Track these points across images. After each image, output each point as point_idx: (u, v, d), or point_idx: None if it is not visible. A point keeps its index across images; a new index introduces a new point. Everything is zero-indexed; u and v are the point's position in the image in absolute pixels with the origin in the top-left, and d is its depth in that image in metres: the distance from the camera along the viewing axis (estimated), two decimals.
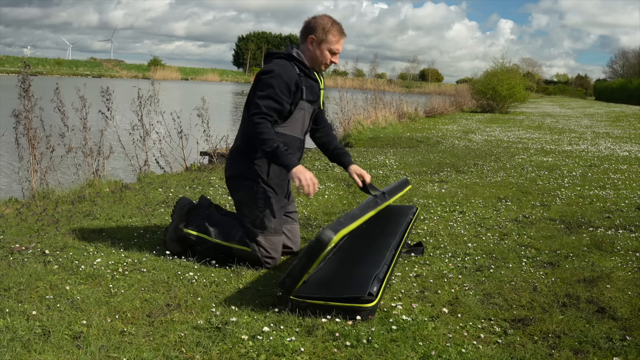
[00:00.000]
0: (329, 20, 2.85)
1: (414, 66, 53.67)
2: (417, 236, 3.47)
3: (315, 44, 2.83)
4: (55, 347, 1.86)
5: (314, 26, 2.82)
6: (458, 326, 2.13)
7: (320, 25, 2.82)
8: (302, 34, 2.88)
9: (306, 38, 2.84)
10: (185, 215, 2.93)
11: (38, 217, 3.81)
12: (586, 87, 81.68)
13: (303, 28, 2.88)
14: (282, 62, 2.79)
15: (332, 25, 2.83)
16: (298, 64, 2.82)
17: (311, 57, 2.85)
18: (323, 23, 2.82)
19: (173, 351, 1.87)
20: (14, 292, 2.33)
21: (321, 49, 2.83)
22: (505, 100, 21.63)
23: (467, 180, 5.63)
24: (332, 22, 2.85)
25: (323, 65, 2.88)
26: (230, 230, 2.82)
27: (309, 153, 8.36)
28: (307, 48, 2.85)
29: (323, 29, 2.81)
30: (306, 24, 2.87)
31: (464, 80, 47.93)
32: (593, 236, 3.49)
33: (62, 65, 64.57)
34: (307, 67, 2.84)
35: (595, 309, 2.33)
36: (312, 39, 2.82)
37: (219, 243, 2.83)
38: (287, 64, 2.79)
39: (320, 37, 2.81)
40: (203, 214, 2.93)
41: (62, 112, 5.47)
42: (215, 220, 2.89)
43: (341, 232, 2.30)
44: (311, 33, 2.83)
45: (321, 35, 2.81)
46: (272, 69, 2.75)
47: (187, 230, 2.89)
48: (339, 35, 2.85)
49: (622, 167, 6.81)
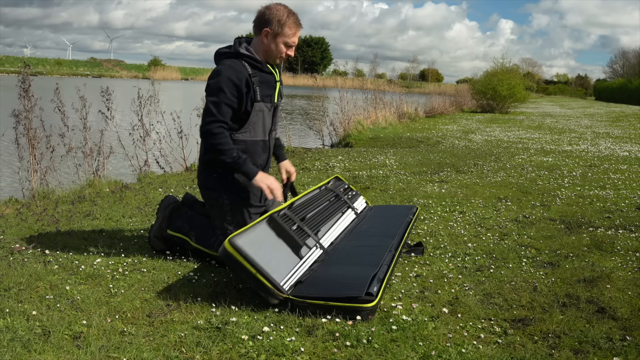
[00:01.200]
0: (285, 11, 2.72)
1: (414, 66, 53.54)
2: (417, 236, 3.47)
3: (270, 37, 2.71)
4: (55, 347, 1.86)
5: (270, 18, 2.69)
6: (458, 326, 2.13)
7: (276, 17, 2.68)
8: (256, 25, 2.74)
9: (261, 30, 2.71)
10: (169, 216, 2.93)
11: (38, 217, 3.81)
12: (586, 87, 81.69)
13: (257, 19, 2.74)
14: (230, 62, 2.69)
15: (288, 17, 2.70)
16: (248, 60, 2.71)
17: (265, 51, 2.74)
18: (279, 15, 2.69)
19: (173, 351, 1.87)
20: (14, 292, 2.33)
21: (276, 42, 2.72)
22: (505, 100, 21.63)
23: (467, 180, 5.62)
24: (288, 13, 2.71)
25: (278, 59, 2.78)
26: (209, 237, 2.82)
27: (309, 153, 8.36)
28: (261, 41, 2.73)
29: (279, 21, 2.68)
30: (260, 14, 2.72)
31: (464, 81, 47.88)
32: (593, 236, 3.49)
33: (62, 65, 64.56)
34: (259, 61, 2.73)
35: (595, 309, 2.33)
36: (267, 32, 2.70)
37: (199, 248, 2.84)
38: (237, 63, 2.68)
39: (275, 31, 2.70)
40: (185, 216, 2.92)
41: (62, 112, 5.47)
42: (197, 223, 2.88)
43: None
44: (266, 26, 2.70)
45: (277, 29, 2.69)
46: (220, 71, 2.67)
47: (170, 232, 2.90)
48: (296, 27, 2.73)
49: (622, 167, 6.81)
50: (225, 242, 2.22)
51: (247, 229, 2.40)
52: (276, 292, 2.20)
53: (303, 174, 5.91)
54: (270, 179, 2.67)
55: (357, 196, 3.78)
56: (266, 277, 2.21)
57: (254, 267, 2.21)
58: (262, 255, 2.34)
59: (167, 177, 5.74)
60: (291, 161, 7.05)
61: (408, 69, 48.58)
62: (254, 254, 2.28)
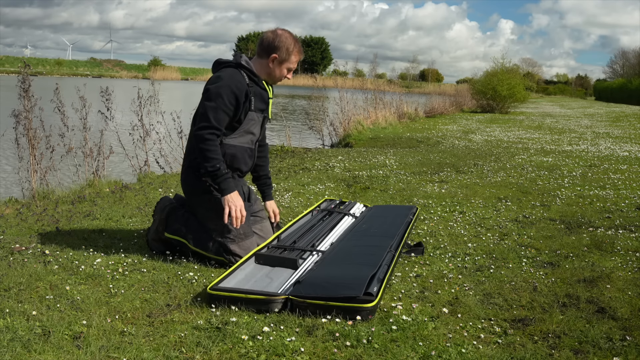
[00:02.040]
0: (292, 40, 2.88)
1: (414, 66, 53.59)
2: (417, 236, 3.47)
3: (276, 62, 2.88)
4: (55, 347, 1.86)
5: (279, 46, 2.85)
6: (458, 326, 2.13)
7: (285, 45, 2.85)
8: (263, 49, 2.87)
9: (268, 55, 2.86)
10: (165, 219, 2.94)
11: (38, 217, 3.81)
12: (586, 87, 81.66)
13: (266, 44, 2.86)
14: (231, 71, 2.80)
15: (294, 46, 2.87)
16: (247, 72, 2.83)
17: (269, 73, 2.90)
18: (287, 44, 2.85)
19: (173, 351, 1.87)
20: (14, 292, 2.33)
21: (281, 68, 2.90)
22: (505, 101, 21.63)
23: (467, 180, 5.63)
24: (295, 42, 2.88)
25: (277, 81, 2.96)
26: (206, 241, 2.83)
27: (309, 153, 8.36)
28: (266, 64, 2.87)
29: (287, 49, 2.86)
30: (270, 41, 2.86)
31: (464, 81, 47.90)
32: (593, 236, 3.49)
33: (62, 66, 64.58)
34: (256, 75, 2.86)
35: (595, 309, 2.33)
36: (274, 57, 2.86)
37: (197, 251, 2.86)
38: (236, 72, 2.80)
39: (283, 58, 2.87)
40: (182, 218, 2.93)
41: (62, 112, 5.47)
42: (193, 226, 2.89)
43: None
44: (274, 52, 2.85)
45: (284, 56, 2.87)
46: (221, 77, 2.76)
47: (168, 235, 2.92)
48: (300, 55, 2.92)
49: (622, 167, 6.81)
50: (207, 290, 2.28)
51: (229, 273, 2.46)
52: (273, 298, 2.21)
53: (303, 174, 5.91)
54: (240, 203, 2.72)
55: (352, 204, 3.80)
56: (259, 294, 2.24)
57: (244, 293, 2.25)
58: (251, 284, 2.44)
59: (167, 177, 5.74)
60: (291, 161, 7.07)
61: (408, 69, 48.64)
62: (239, 285, 2.38)
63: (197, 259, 2.86)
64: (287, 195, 4.67)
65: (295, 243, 2.89)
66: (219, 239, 2.81)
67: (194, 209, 2.92)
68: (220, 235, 2.81)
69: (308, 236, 3.04)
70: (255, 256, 2.70)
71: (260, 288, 2.37)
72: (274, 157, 8.01)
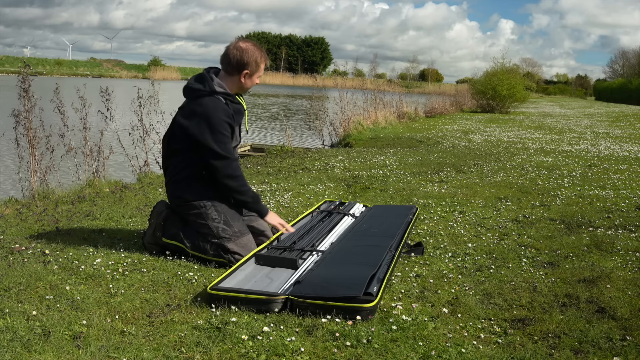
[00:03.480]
0: (257, 50, 2.92)
1: (414, 66, 53.66)
2: (417, 236, 3.47)
3: (247, 77, 2.92)
4: (55, 347, 1.86)
5: (248, 61, 2.88)
6: (458, 326, 2.13)
7: (253, 58, 2.89)
8: (232, 67, 2.89)
9: (240, 72, 2.89)
10: (162, 225, 2.95)
11: (38, 217, 3.81)
12: (586, 87, 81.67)
13: (235, 62, 2.88)
14: (213, 102, 2.83)
15: (261, 56, 2.92)
16: (224, 95, 2.88)
17: (240, 87, 2.96)
18: (255, 56, 2.89)
19: (173, 351, 1.87)
20: (14, 292, 2.33)
21: (252, 79, 2.96)
22: (505, 100, 21.63)
23: (467, 180, 5.63)
24: (260, 52, 2.93)
25: (248, 90, 3.03)
26: (204, 244, 2.85)
27: (309, 153, 8.36)
28: (238, 80, 2.92)
29: (256, 62, 2.91)
30: (238, 59, 2.87)
31: (464, 81, 47.91)
32: (593, 236, 3.49)
33: (62, 66, 64.54)
34: (231, 95, 2.91)
35: (595, 309, 2.33)
36: (246, 73, 2.90)
37: (195, 254, 2.87)
38: (217, 101, 2.84)
39: (253, 71, 2.92)
40: (179, 223, 2.94)
41: (62, 112, 5.47)
42: (190, 231, 2.90)
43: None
44: (245, 68, 2.89)
45: (254, 69, 2.92)
46: (207, 114, 2.79)
47: (165, 240, 2.93)
48: (266, 61, 2.98)
49: (622, 167, 6.81)
50: (207, 290, 2.29)
51: (229, 273, 2.47)
52: (273, 298, 2.21)
53: (303, 174, 5.91)
54: (278, 216, 3.01)
55: (352, 205, 3.81)
56: (259, 294, 2.24)
57: (244, 292, 2.25)
58: (251, 284, 2.44)
59: None
60: (291, 161, 7.07)
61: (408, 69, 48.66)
62: (239, 285, 2.39)
63: (197, 259, 2.87)
64: (287, 195, 4.67)
65: (295, 244, 2.89)
66: (215, 240, 2.83)
67: (186, 219, 2.95)
68: (216, 237, 2.83)
69: (308, 237, 3.04)
70: (255, 257, 2.70)
71: (260, 288, 2.37)
72: (274, 157, 8.01)
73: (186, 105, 2.91)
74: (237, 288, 2.31)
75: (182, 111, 2.91)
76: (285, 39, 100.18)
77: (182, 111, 2.90)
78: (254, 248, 2.85)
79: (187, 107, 2.89)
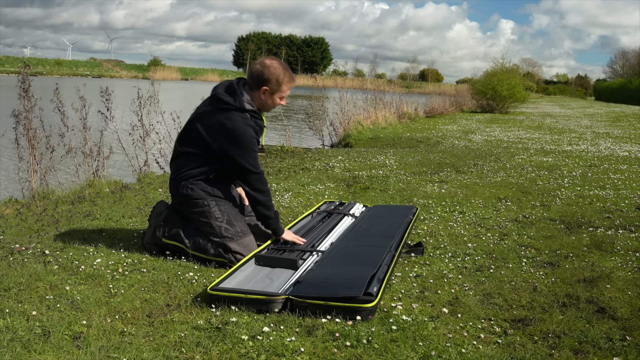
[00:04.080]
0: (281, 69, 2.89)
1: (414, 66, 53.72)
2: (417, 236, 3.47)
3: (267, 94, 2.89)
4: (55, 347, 1.86)
5: (268, 78, 2.85)
6: (458, 326, 2.13)
7: (274, 76, 2.86)
8: (253, 81, 2.89)
9: (259, 87, 2.87)
10: (162, 225, 2.95)
11: (38, 217, 3.81)
12: (586, 87, 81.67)
13: (255, 77, 2.87)
14: (244, 119, 2.82)
15: (284, 75, 2.88)
16: (251, 113, 2.87)
17: (262, 104, 2.93)
18: (277, 74, 2.86)
19: (173, 351, 1.87)
20: (14, 292, 2.33)
21: (273, 98, 2.92)
22: (505, 101, 21.63)
23: (467, 180, 5.63)
24: (284, 71, 2.89)
25: (270, 109, 3.00)
26: (205, 244, 2.85)
27: (309, 153, 8.36)
28: (259, 96, 2.89)
29: (277, 80, 2.87)
30: (258, 74, 2.87)
31: (464, 81, 47.93)
32: (593, 236, 3.49)
33: (62, 66, 64.54)
34: (258, 114, 2.91)
35: (595, 309, 2.33)
36: (265, 90, 2.88)
37: (195, 254, 2.87)
38: (247, 119, 2.84)
39: (273, 89, 2.88)
40: (179, 223, 2.94)
41: (62, 112, 5.47)
42: (190, 231, 2.90)
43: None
44: (265, 85, 2.87)
45: (275, 87, 2.88)
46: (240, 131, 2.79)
47: (165, 241, 2.93)
48: (291, 83, 2.93)
49: (622, 167, 6.81)
50: (208, 290, 2.29)
51: (230, 273, 2.48)
52: (274, 298, 2.21)
53: (303, 174, 5.91)
54: (292, 233, 3.02)
55: (352, 205, 3.81)
56: (259, 294, 2.24)
57: (244, 293, 2.25)
58: (251, 285, 2.44)
59: (167, 177, 5.74)
60: (291, 161, 7.07)
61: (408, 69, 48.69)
62: (240, 286, 2.40)
63: (197, 259, 2.87)
64: (287, 195, 4.67)
65: (295, 244, 2.90)
66: (217, 239, 2.82)
67: (188, 217, 2.94)
68: (218, 236, 2.83)
69: (308, 237, 3.04)
70: (255, 257, 2.70)
71: (260, 288, 2.37)
72: (274, 157, 8.01)
73: (210, 115, 2.84)
74: (238, 288, 2.31)
75: (205, 120, 2.85)
76: (285, 39, 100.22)
77: (206, 120, 2.84)
78: (255, 248, 2.86)
79: (213, 117, 2.83)
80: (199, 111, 2.92)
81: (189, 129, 2.91)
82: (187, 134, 2.91)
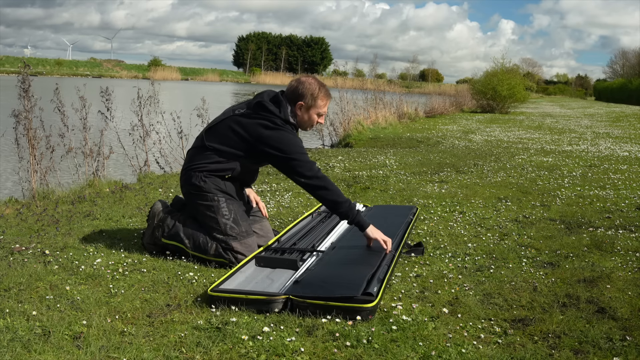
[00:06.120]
0: (317, 85, 2.89)
1: (414, 66, 53.64)
2: (417, 236, 3.47)
3: (303, 109, 2.88)
4: (55, 347, 1.86)
5: (303, 92, 2.86)
6: (458, 326, 2.13)
7: (309, 91, 2.86)
8: (289, 96, 2.89)
9: (294, 103, 2.87)
10: (161, 225, 2.94)
11: (38, 217, 3.81)
12: (586, 87, 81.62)
13: (291, 93, 2.88)
14: (289, 129, 2.82)
15: (319, 91, 2.88)
16: (293, 126, 2.88)
17: (299, 121, 2.93)
18: (312, 89, 2.86)
19: (173, 351, 1.87)
20: (14, 292, 2.33)
21: (309, 114, 2.90)
22: (505, 101, 21.62)
23: (467, 180, 5.63)
24: (319, 87, 2.89)
25: (309, 127, 2.97)
26: (205, 244, 2.84)
27: (309, 153, 8.36)
28: (295, 112, 2.89)
29: (312, 95, 2.86)
30: (294, 89, 2.88)
31: (464, 81, 47.94)
32: (593, 236, 3.49)
33: (62, 66, 64.50)
34: (297, 129, 2.92)
35: (595, 309, 2.33)
36: (301, 105, 2.87)
37: (195, 254, 2.87)
38: (291, 130, 2.84)
39: (309, 104, 2.87)
40: (179, 222, 2.94)
41: (62, 112, 5.46)
42: (190, 230, 2.90)
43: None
44: (300, 99, 2.86)
45: (310, 102, 2.87)
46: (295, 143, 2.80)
47: (165, 241, 2.93)
48: (326, 99, 2.92)
49: (622, 167, 6.81)
50: (208, 292, 2.28)
51: (230, 274, 2.47)
52: (274, 298, 2.21)
53: None
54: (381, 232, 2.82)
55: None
56: (260, 294, 2.24)
57: (244, 293, 2.25)
58: (252, 285, 2.45)
59: (167, 177, 5.74)
60: None
61: (408, 69, 48.68)
62: (240, 287, 2.40)
63: (197, 259, 2.87)
64: (287, 195, 4.67)
65: (296, 245, 2.90)
66: (220, 236, 2.82)
67: (194, 208, 2.92)
68: (222, 233, 2.82)
69: (308, 237, 3.04)
70: (255, 259, 2.71)
71: (261, 289, 2.37)
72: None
73: (253, 121, 2.81)
74: (238, 289, 2.31)
75: (246, 124, 2.82)
76: (285, 39, 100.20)
77: (250, 126, 2.80)
78: (256, 249, 2.86)
79: (257, 123, 2.80)
80: (236, 112, 2.88)
81: (222, 127, 2.87)
82: (218, 131, 2.88)
